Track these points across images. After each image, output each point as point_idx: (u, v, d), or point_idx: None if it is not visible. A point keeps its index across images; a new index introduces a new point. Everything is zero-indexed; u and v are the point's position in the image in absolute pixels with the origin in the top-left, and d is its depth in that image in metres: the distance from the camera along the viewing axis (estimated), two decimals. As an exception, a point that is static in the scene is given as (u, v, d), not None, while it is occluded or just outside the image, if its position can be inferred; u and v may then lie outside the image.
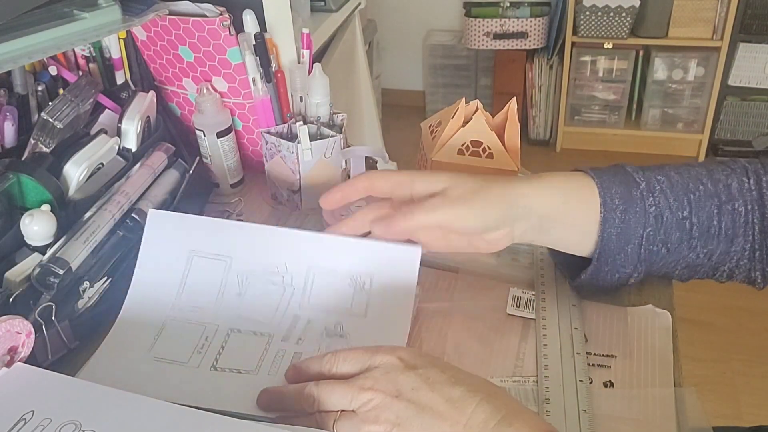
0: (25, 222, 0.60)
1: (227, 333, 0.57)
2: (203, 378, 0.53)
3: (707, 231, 0.55)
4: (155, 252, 0.61)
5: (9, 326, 0.49)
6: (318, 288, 0.57)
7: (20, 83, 0.69)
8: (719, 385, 1.68)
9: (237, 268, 0.59)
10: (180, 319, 0.58)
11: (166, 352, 0.56)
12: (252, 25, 0.79)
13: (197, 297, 0.59)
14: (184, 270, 0.60)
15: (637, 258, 0.56)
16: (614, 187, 0.56)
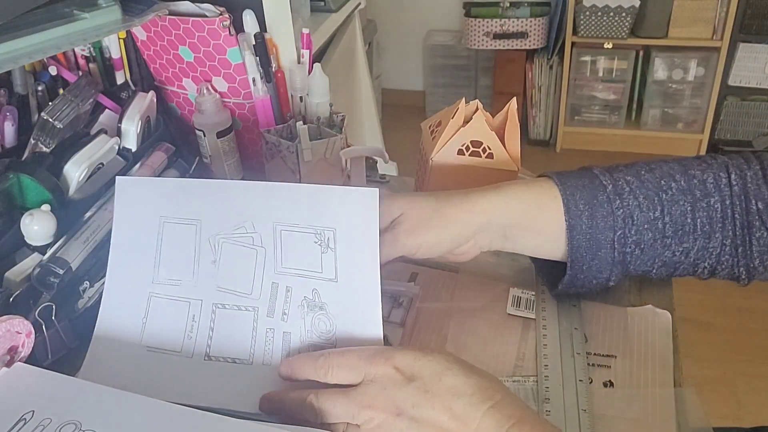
0: (25, 222, 0.60)
1: (212, 310, 0.55)
2: (199, 371, 0.53)
3: (681, 228, 0.54)
4: (127, 223, 0.57)
5: (9, 326, 0.49)
6: (287, 247, 0.55)
7: (20, 83, 0.69)
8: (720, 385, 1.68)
9: (207, 231, 0.56)
10: (163, 295, 0.56)
11: (157, 340, 0.55)
12: (252, 25, 0.79)
13: (175, 269, 0.56)
14: (157, 239, 0.57)
15: (612, 261, 0.55)
16: (578, 192, 0.55)
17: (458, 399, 0.42)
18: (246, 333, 0.54)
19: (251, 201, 0.56)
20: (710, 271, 0.56)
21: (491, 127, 0.67)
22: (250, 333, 0.54)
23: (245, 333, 0.54)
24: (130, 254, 0.58)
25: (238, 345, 0.54)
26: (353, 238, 0.54)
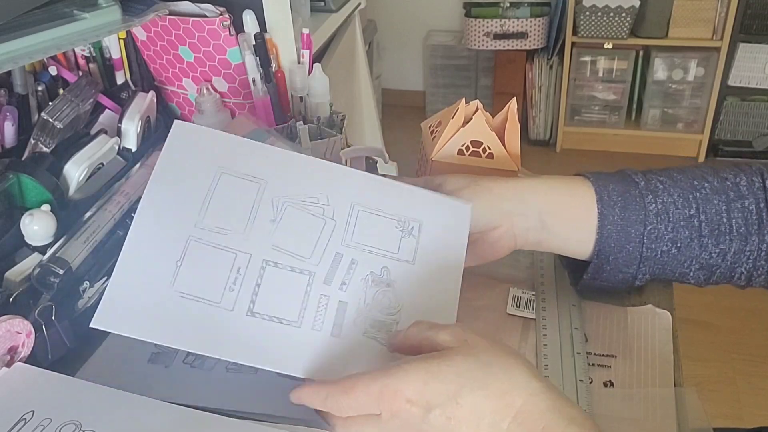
0: (25, 222, 0.60)
1: (262, 266, 0.50)
2: (239, 325, 0.48)
3: (717, 228, 0.54)
4: (176, 165, 0.52)
5: (9, 326, 0.49)
6: (362, 225, 0.52)
7: (20, 83, 0.69)
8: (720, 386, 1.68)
9: (272, 192, 0.52)
10: (205, 241, 0.50)
11: (192, 287, 0.48)
12: (252, 26, 0.79)
13: (225, 218, 0.51)
14: (210, 187, 0.52)
15: (639, 257, 0.55)
16: (611, 185, 0.56)
17: (482, 420, 0.40)
18: (297, 295, 0.50)
19: (331, 179, 0.54)
20: (747, 277, 0.56)
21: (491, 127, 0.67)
22: (301, 296, 0.50)
23: (296, 295, 0.50)
24: (172, 193, 0.51)
25: (286, 306, 0.49)
26: (440, 236, 0.53)
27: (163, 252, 0.49)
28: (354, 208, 0.53)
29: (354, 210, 0.53)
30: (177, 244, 0.49)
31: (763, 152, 2.61)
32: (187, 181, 0.51)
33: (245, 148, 0.54)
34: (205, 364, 0.56)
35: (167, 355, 0.57)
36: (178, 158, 0.52)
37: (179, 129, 0.53)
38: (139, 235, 0.49)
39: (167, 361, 0.57)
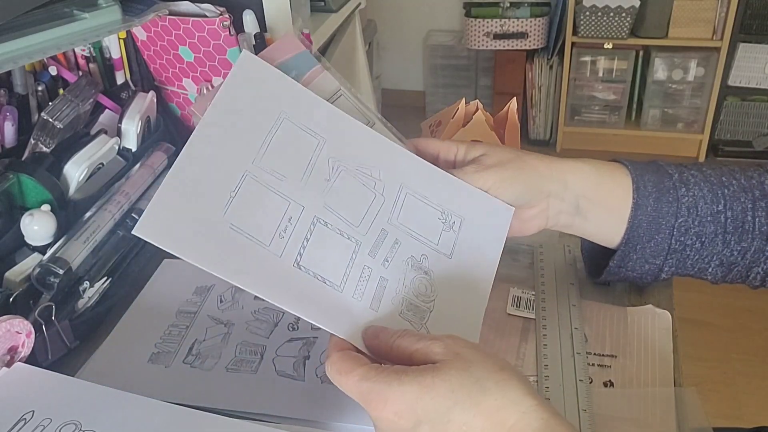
0: (25, 222, 0.60)
1: (312, 222, 0.49)
2: (285, 274, 0.47)
3: (741, 226, 0.54)
4: (239, 97, 0.51)
5: (9, 326, 0.49)
6: (407, 209, 0.52)
7: (20, 83, 0.69)
8: (720, 385, 1.68)
9: (330, 152, 0.52)
10: (261, 181, 0.49)
11: (243, 222, 0.47)
12: (252, 25, 0.79)
13: (282, 163, 0.50)
14: (271, 128, 0.51)
15: (667, 248, 0.55)
16: (647, 175, 0.55)
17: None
18: (342, 260, 0.49)
19: (385, 155, 0.54)
20: (763, 277, 0.56)
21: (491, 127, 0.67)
22: (346, 262, 0.49)
23: (342, 260, 0.49)
24: (232, 123, 0.50)
25: (331, 267, 0.48)
26: (478, 236, 0.53)
27: (218, 178, 0.47)
28: (402, 190, 0.53)
29: (402, 191, 0.53)
30: (233, 174, 0.48)
31: (763, 152, 2.61)
32: (249, 116, 0.50)
33: (309, 100, 0.53)
34: (205, 364, 0.56)
35: (167, 355, 0.57)
36: (242, 91, 0.51)
37: (246, 61, 0.52)
38: (193, 153, 0.47)
39: (167, 361, 0.57)
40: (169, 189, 0.46)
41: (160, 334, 0.60)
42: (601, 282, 0.61)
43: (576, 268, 0.66)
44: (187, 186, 0.46)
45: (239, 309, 0.63)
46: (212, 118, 0.49)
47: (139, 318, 0.62)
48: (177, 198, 0.46)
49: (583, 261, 0.65)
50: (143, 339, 0.59)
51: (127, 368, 0.56)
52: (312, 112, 0.53)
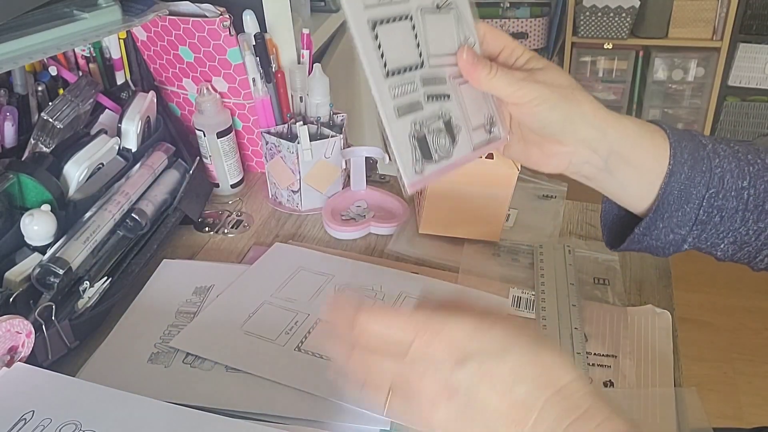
0: (25, 222, 0.60)
1: (316, 322, 0.60)
2: (287, 355, 0.57)
3: (762, 206, 0.53)
4: (270, 266, 0.69)
5: (9, 326, 0.49)
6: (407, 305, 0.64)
7: (20, 83, 0.69)
8: (720, 385, 1.68)
9: (338, 282, 0.66)
10: (276, 305, 0.63)
11: (257, 329, 0.60)
12: (252, 26, 0.79)
13: (295, 294, 0.65)
14: (290, 276, 0.68)
15: (695, 219, 0.53)
16: (684, 142, 0.54)
17: (519, 385, 0.37)
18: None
19: (383, 277, 0.67)
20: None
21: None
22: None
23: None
24: (261, 278, 0.67)
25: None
26: None
27: (240, 308, 0.63)
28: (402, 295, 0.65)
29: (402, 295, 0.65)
30: (253, 304, 0.63)
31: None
32: (273, 273, 0.68)
33: (324, 258, 0.71)
34: (205, 364, 0.56)
35: (167, 355, 0.57)
36: (271, 264, 0.69)
37: (278, 249, 0.72)
38: (227, 297, 0.64)
39: (167, 361, 0.57)
40: (208, 312, 0.62)
41: (160, 334, 0.60)
42: (621, 250, 0.58)
43: (576, 268, 0.66)
44: (218, 311, 0.63)
45: (239, 309, 0.64)
46: (247, 275, 0.67)
47: (139, 318, 0.62)
48: (209, 320, 0.61)
49: (602, 229, 0.61)
50: (143, 339, 0.59)
51: (127, 368, 0.56)
52: (326, 263, 0.70)
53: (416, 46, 0.49)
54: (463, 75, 0.51)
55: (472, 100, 0.52)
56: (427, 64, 0.49)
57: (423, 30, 0.49)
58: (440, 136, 0.50)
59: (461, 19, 0.51)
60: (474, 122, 0.52)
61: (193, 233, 0.77)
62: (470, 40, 0.51)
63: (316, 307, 0.63)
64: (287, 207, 0.81)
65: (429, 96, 0.49)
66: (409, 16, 0.48)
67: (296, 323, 0.60)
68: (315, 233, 0.77)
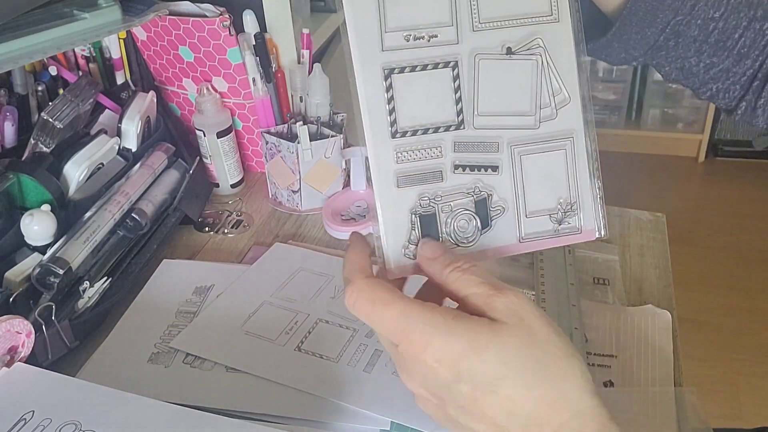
0: (25, 222, 0.60)
1: (315, 322, 0.61)
2: (287, 356, 0.57)
3: (724, 43, 0.50)
4: (269, 266, 0.69)
5: (9, 326, 0.49)
6: None
7: (20, 83, 0.69)
8: (720, 385, 1.68)
9: (338, 282, 0.66)
10: (276, 305, 0.63)
11: (257, 329, 0.60)
12: (252, 26, 0.79)
13: (294, 294, 0.65)
14: (290, 276, 0.67)
15: (652, 44, 0.50)
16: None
17: (513, 418, 0.34)
18: (340, 342, 0.58)
19: None
20: (712, 94, 0.53)
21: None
22: (344, 343, 0.58)
23: (340, 342, 0.58)
24: (261, 278, 0.67)
25: (330, 347, 0.58)
26: None
27: (240, 307, 0.63)
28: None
29: None
30: (254, 303, 0.63)
31: (763, 152, 2.61)
32: (272, 274, 0.68)
33: (323, 261, 0.70)
34: (205, 364, 0.56)
35: (167, 355, 0.57)
36: (270, 265, 0.69)
37: (278, 249, 0.72)
38: (228, 294, 0.65)
39: (167, 361, 0.57)
40: (208, 312, 0.63)
41: (160, 334, 0.60)
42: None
43: (576, 269, 0.66)
44: (218, 311, 0.63)
45: (239, 309, 0.64)
46: (246, 276, 0.67)
47: (139, 318, 0.62)
48: (209, 320, 0.61)
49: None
50: (143, 339, 0.59)
51: (127, 368, 0.56)
52: (326, 262, 0.69)
53: (455, 101, 0.38)
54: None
55: (540, 177, 0.40)
56: (469, 124, 0.39)
57: (474, 80, 0.38)
58: (461, 217, 0.39)
59: (549, 67, 0.39)
60: (533, 206, 0.40)
61: (193, 233, 0.77)
62: (560, 96, 0.40)
63: (316, 307, 0.62)
64: (287, 207, 0.81)
65: (461, 165, 0.39)
66: (454, 63, 0.38)
67: (296, 323, 0.60)
68: (315, 233, 0.77)
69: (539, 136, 0.40)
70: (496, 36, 0.39)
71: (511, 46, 0.39)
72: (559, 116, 0.40)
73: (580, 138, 0.41)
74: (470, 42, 0.38)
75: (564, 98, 0.40)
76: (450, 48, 0.38)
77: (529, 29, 0.39)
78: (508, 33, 0.39)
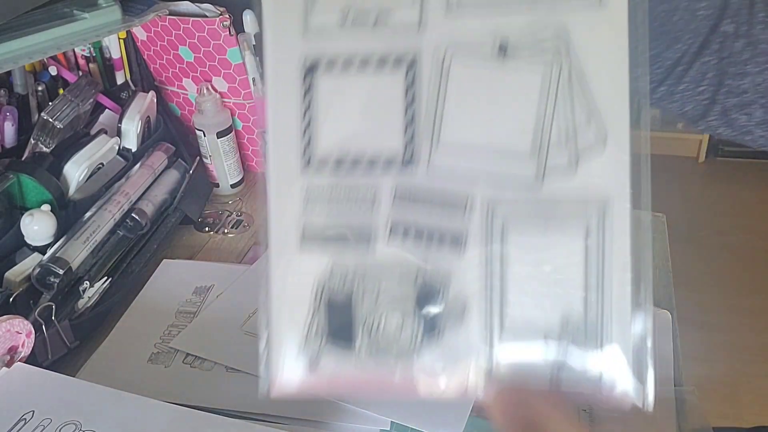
0: (25, 222, 0.60)
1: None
2: None
3: (663, 28, 0.46)
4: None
5: (9, 326, 0.49)
6: None
7: (20, 83, 0.69)
8: (719, 385, 1.68)
9: None
10: None
11: (257, 329, 0.57)
12: (252, 26, 0.79)
13: None
14: None
15: None
16: None
17: None
18: None
19: None
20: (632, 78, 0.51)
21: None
22: None
23: None
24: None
25: None
26: None
27: (239, 308, 0.61)
28: None
29: None
30: (252, 304, 0.61)
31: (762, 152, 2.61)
32: None
33: None
34: (205, 364, 0.56)
35: (167, 355, 0.57)
36: None
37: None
38: (225, 297, 0.64)
39: (167, 361, 0.57)
40: (208, 312, 0.62)
41: (160, 334, 0.60)
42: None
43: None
44: (218, 311, 0.62)
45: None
46: (249, 273, 0.66)
47: (139, 318, 0.62)
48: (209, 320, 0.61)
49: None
50: (143, 339, 0.59)
51: (127, 368, 0.56)
52: None
53: (405, 122, 0.24)
54: None
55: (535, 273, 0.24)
56: (423, 161, 0.25)
57: (438, 91, 0.24)
58: (392, 315, 0.25)
59: (573, 82, 0.24)
60: (516, 319, 0.25)
61: (193, 233, 0.77)
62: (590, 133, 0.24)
63: None
64: (287, 207, 0.81)
65: (402, 229, 0.25)
66: (409, 63, 0.24)
67: None
68: (315, 233, 0.77)
69: (542, 198, 0.24)
70: (483, 23, 0.24)
71: (508, 42, 0.24)
72: (582, 168, 0.24)
73: (620, 214, 0.23)
74: (440, 30, 0.24)
75: (596, 138, 0.24)
76: (406, 38, 0.24)
77: (544, 15, 0.24)
78: (505, 20, 0.24)
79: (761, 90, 0.46)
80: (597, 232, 0.23)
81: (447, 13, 0.24)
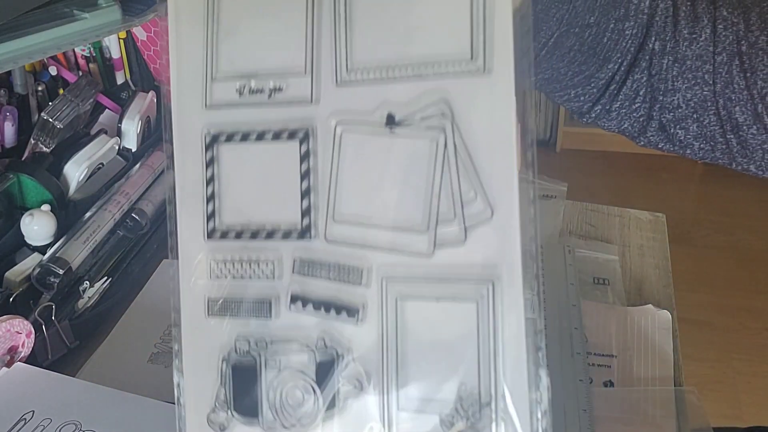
0: (25, 222, 0.60)
1: None
2: None
3: (594, 49, 0.45)
4: None
5: (9, 326, 0.49)
6: None
7: (20, 83, 0.69)
8: (719, 385, 1.68)
9: None
10: None
11: None
12: (252, 25, 0.79)
13: None
14: None
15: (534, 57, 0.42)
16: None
17: None
18: None
19: None
20: (569, 99, 0.49)
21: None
22: None
23: None
24: None
25: None
26: None
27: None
28: None
29: None
30: None
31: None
32: None
33: None
34: (205, 364, 0.56)
35: (167, 355, 0.57)
36: None
37: None
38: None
39: (167, 361, 0.57)
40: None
41: (160, 334, 0.60)
42: None
43: (576, 268, 0.66)
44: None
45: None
46: None
47: (139, 318, 0.62)
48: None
49: None
50: (143, 339, 0.59)
51: (127, 368, 0.56)
52: None
53: (302, 192, 0.25)
54: None
55: (430, 343, 0.24)
56: (320, 232, 0.25)
57: (332, 162, 0.25)
58: (295, 388, 0.25)
59: (459, 153, 0.24)
60: (411, 392, 0.24)
61: (193, 233, 0.77)
62: (476, 205, 0.24)
63: None
64: (287, 207, 0.81)
65: (301, 298, 0.25)
66: (303, 134, 0.25)
67: None
68: (315, 233, 0.77)
69: (433, 270, 0.24)
70: (373, 93, 0.24)
71: (395, 113, 0.23)
72: (470, 239, 0.24)
73: (510, 284, 0.24)
74: (331, 101, 0.24)
75: (483, 210, 0.23)
76: (301, 111, 0.25)
77: (430, 85, 0.23)
78: (392, 90, 0.24)
79: (692, 105, 0.46)
80: (486, 303, 0.24)
81: (338, 85, 0.24)
